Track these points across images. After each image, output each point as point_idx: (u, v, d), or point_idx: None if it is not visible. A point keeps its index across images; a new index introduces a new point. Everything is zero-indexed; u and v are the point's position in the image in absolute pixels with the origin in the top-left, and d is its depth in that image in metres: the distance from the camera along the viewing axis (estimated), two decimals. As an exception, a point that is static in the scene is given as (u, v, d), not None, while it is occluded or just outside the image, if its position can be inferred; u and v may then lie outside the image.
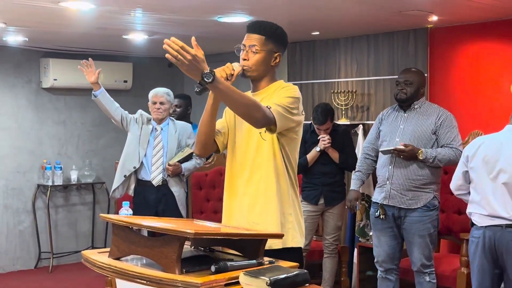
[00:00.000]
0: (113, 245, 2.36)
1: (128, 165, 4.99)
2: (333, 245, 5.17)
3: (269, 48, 2.74)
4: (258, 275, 2.08)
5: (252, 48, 2.73)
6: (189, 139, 5.12)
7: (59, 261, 6.87)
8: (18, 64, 6.66)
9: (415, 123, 4.27)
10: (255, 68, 2.74)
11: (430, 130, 4.22)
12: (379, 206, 4.32)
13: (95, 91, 4.92)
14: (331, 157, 5.06)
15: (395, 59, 5.53)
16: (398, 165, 4.23)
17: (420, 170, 4.19)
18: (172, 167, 4.93)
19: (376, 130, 4.50)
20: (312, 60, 6.18)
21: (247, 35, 2.78)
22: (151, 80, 7.25)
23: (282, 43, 2.81)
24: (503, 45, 4.90)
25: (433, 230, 4.24)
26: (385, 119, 4.45)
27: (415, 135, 4.23)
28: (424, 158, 4.13)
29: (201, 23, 4.99)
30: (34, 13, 4.52)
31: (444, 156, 4.16)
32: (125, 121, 5.04)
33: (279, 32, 2.79)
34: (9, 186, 6.64)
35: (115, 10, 4.45)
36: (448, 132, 4.21)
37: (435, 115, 4.25)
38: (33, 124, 6.79)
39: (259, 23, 2.80)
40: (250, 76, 2.77)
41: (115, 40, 5.95)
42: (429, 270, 4.24)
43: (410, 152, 4.14)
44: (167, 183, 4.99)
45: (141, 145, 4.99)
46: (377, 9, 4.47)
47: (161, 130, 5.05)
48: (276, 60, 2.78)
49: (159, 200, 4.99)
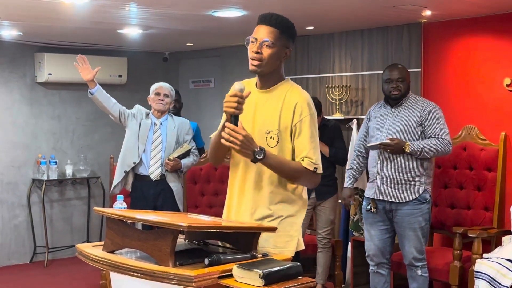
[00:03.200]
0: (107, 239, 2.38)
1: (128, 161, 4.96)
2: (326, 239, 5.19)
3: (282, 43, 2.66)
4: (251, 267, 2.10)
5: (265, 42, 2.62)
6: (187, 135, 5.11)
7: (55, 255, 6.89)
8: (12, 58, 6.66)
9: (401, 117, 4.31)
10: (267, 62, 2.64)
11: (415, 122, 4.27)
12: (371, 200, 4.35)
13: (91, 88, 4.85)
14: (322, 151, 5.06)
15: (389, 54, 5.54)
16: (386, 159, 4.27)
17: (407, 163, 4.22)
18: (172, 162, 4.91)
19: (365, 127, 4.54)
20: (306, 55, 6.19)
21: (259, 27, 2.65)
22: (146, 75, 7.26)
23: (293, 38, 2.73)
24: (496, 39, 4.91)
25: (424, 223, 4.26)
26: (373, 115, 4.50)
27: (402, 129, 4.27)
28: (411, 151, 4.17)
29: (195, 18, 4.99)
30: (28, 7, 4.52)
31: (431, 147, 4.20)
32: (123, 117, 5.01)
33: (291, 26, 2.71)
34: (4, 181, 6.64)
35: (110, 4, 4.45)
36: (434, 123, 4.25)
37: (420, 107, 4.30)
38: (28, 118, 6.79)
39: (274, 15, 2.66)
40: (261, 72, 2.67)
41: (109, 34, 5.95)
42: (421, 264, 4.27)
43: (396, 145, 4.18)
44: (165, 178, 4.99)
45: (140, 140, 4.97)
46: (371, 4, 4.48)
47: (160, 124, 5.03)
48: (287, 55, 2.71)
49: (158, 195, 4.99)
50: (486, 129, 4.87)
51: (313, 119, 2.67)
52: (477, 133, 4.87)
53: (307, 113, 2.65)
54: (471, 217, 4.75)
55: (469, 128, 4.91)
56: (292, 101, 2.66)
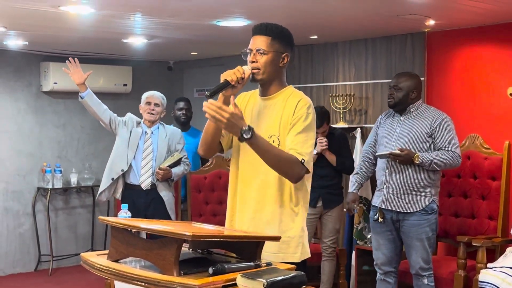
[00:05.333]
0: (112, 247, 2.39)
1: (116, 168, 4.92)
2: (331, 248, 5.20)
3: (276, 49, 2.71)
4: (255, 277, 2.11)
5: (259, 50, 2.70)
6: (179, 144, 5.09)
7: (59, 263, 6.89)
8: (18, 68, 6.70)
9: (411, 127, 4.27)
10: (264, 70, 2.70)
11: (425, 133, 4.22)
12: (378, 209, 4.33)
13: (81, 92, 4.81)
14: (329, 160, 5.09)
15: (393, 63, 5.56)
16: (395, 169, 4.24)
17: (416, 175, 4.20)
18: (163, 171, 4.89)
19: (374, 134, 4.51)
20: (310, 64, 6.21)
21: (253, 38, 2.74)
22: (150, 84, 7.26)
23: (289, 43, 2.77)
24: (500, 49, 4.92)
25: (431, 233, 4.24)
26: (383, 122, 4.47)
27: (411, 138, 4.23)
28: (421, 162, 4.13)
29: (200, 27, 5.02)
30: (34, 17, 4.55)
31: (440, 160, 4.16)
32: (113, 124, 4.99)
33: (285, 32, 2.76)
34: (9, 189, 6.66)
35: (115, 14, 4.48)
36: (444, 135, 4.20)
37: (431, 118, 4.24)
38: (33, 127, 6.82)
39: (264, 24, 2.75)
40: (260, 80, 2.72)
41: (114, 44, 5.98)
42: (427, 274, 4.25)
43: (406, 156, 4.14)
44: (156, 187, 4.95)
45: (130, 148, 4.93)
46: (375, 13, 4.50)
47: (151, 133, 5.01)
48: (284, 60, 2.74)
49: (148, 204, 4.94)
50: (490, 138, 4.87)
51: (309, 118, 2.67)
52: (481, 142, 4.87)
53: (304, 111, 2.68)
54: (475, 226, 4.75)
55: (473, 137, 4.91)
56: (294, 101, 2.71)
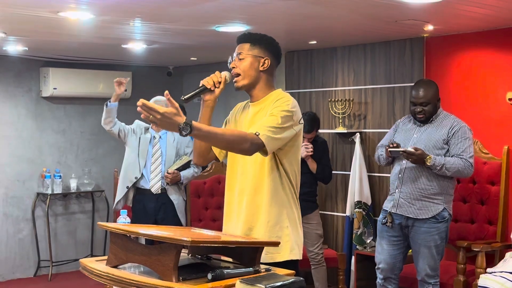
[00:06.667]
0: (111, 253, 2.39)
1: (129, 176, 5.02)
2: (319, 255, 5.13)
3: (254, 53, 2.76)
4: (255, 282, 2.11)
5: (238, 55, 2.78)
6: (188, 148, 5.14)
7: (59, 269, 6.89)
8: (18, 73, 6.70)
9: (429, 133, 4.21)
10: (244, 75, 2.76)
11: (442, 139, 4.16)
12: (388, 213, 4.27)
13: (112, 101, 5.00)
14: (310, 168, 5.07)
15: (392, 68, 5.56)
16: (408, 175, 4.18)
17: (429, 183, 4.14)
18: (171, 175, 4.95)
19: (392, 135, 4.42)
20: (309, 69, 6.22)
21: (237, 47, 2.83)
22: (150, 89, 7.27)
23: (270, 48, 2.80)
24: (499, 54, 4.93)
25: (440, 241, 4.16)
26: (401, 127, 4.40)
27: (427, 145, 4.16)
28: (432, 165, 4.05)
29: (199, 33, 5.03)
30: (33, 22, 4.56)
31: (452, 165, 4.07)
32: (122, 133, 5.06)
33: (265, 38, 2.82)
34: (8, 195, 6.66)
35: (114, 20, 4.49)
36: (460, 143, 4.13)
37: (449, 125, 4.18)
38: (33, 132, 6.82)
39: (244, 33, 2.87)
40: (242, 86, 2.78)
41: (114, 49, 5.99)
42: (433, 281, 4.20)
43: (419, 156, 4.04)
44: (166, 192, 5.01)
45: (141, 155, 5.02)
46: (374, 19, 4.51)
47: (159, 138, 5.08)
48: (265, 64, 2.77)
49: (159, 209, 5.01)
50: (489, 143, 4.88)
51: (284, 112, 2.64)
52: (480, 147, 4.87)
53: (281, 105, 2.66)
54: (475, 231, 4.75)
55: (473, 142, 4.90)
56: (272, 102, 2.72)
